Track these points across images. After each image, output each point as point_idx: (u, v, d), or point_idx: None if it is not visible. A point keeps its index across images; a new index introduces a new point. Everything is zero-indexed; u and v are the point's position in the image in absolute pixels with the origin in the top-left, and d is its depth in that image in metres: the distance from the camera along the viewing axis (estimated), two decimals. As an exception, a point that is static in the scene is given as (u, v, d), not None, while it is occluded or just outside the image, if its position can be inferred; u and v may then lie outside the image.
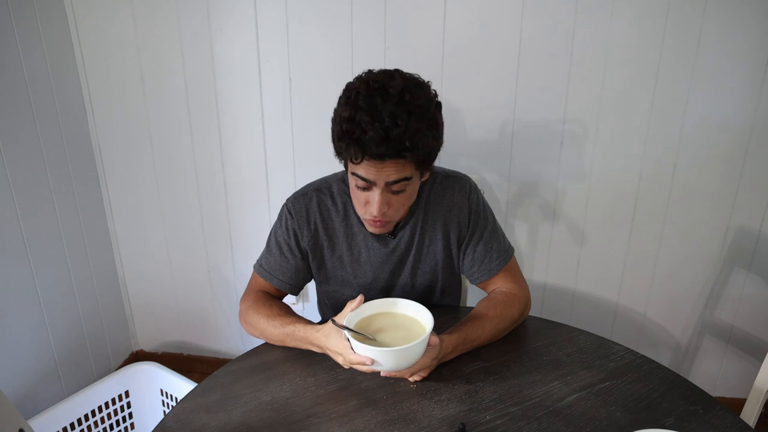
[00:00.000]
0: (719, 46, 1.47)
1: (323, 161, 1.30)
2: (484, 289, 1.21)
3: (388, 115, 0.91)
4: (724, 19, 1.45)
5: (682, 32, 1.48)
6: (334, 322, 0.95)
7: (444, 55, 1.58)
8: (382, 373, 0.96)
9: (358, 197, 1.05)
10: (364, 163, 0.96)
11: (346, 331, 0.92)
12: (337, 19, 1.59)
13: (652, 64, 1.51)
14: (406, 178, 0.99)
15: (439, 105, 1.01)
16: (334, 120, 1.00)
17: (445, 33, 1.56)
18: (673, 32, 1.48)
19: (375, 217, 1.02)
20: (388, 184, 0.98)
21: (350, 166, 1.00)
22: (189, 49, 1.69)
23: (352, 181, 1.03)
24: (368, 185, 1.00)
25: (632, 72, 1.53)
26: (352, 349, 0.92)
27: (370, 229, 1.10)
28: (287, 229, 1.16)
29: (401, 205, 1.05)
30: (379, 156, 0.93)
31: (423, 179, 1.08)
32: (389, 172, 0.96)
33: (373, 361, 0.89)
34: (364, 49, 1.61)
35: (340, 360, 0.97)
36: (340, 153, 1.01)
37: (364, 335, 0.94)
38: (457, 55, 1.58)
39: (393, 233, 1.16)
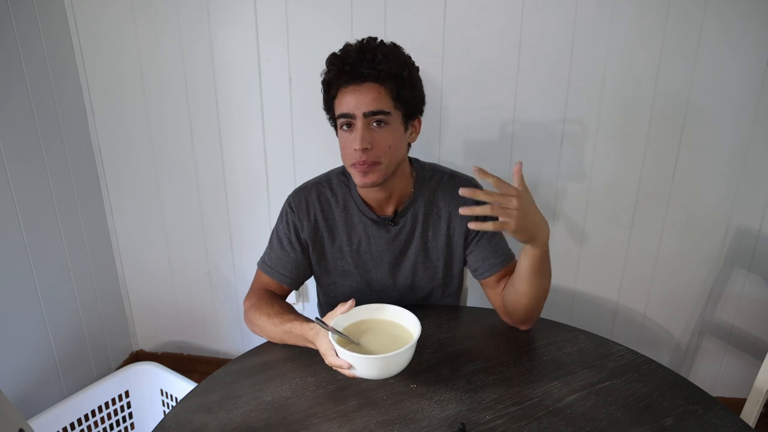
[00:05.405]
0: (719, 45, 1.47)
1: (323, 161, 1.30)
2: (490, 286, 1.18)
3: (366, 41, 1.06)
4: (724, 18, 1.45)
5: (682, 32, 1.48)
6: (319, 321, 0.95)
7: (444, 55, 1.58)
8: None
9: (346, 145, 1.06)
10: (344, 94, 1.03)
11: (329, 333, 0.92)
12: (337, 19, 1.59)
13: (652, 64, 1.51)
14: (384, 112, 1.03)
15: (416, 66, 1.10)
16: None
17: (445, 33, 1.56)
18: (673, 32, 1.48)
19: (357, 151, 1.02)
20: (366, 116, 1.02)
21: (336, 108, 1.07)
22: (189, 49, 1.69)
23: (339, 131, 1.07)
24: (350, 122, 1.04)
25: (632, 72, 1.53)
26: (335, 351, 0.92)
27: (358, 180, 1.06)
28: (287, 223, 1.18)
29: (385, 146, 1.04)
30: (354, 68, 1.01)
31: (410, 138, 1.12)
32: (366, 100, 1.02)
33: (350, 366, 0.89)
34: (364, 49, 1.60)
35: (326, 361, 0.97)
36: (327, 101, 1.09)
37: (348, 338, 0.93)
38: (457, 55, 1.58)
39: (394, 220, 1.17)
